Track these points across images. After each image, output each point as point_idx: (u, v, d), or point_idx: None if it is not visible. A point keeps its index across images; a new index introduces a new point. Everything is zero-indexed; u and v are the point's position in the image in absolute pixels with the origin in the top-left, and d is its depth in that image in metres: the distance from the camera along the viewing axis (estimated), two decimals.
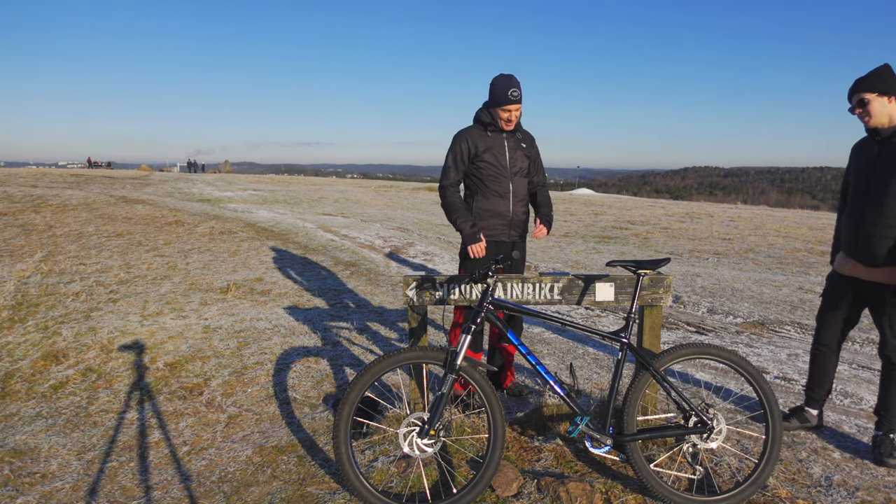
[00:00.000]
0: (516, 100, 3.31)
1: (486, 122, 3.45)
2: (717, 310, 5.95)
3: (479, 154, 3.44)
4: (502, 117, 3.37)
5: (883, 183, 2.78)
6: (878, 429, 3.02)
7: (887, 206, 2.76)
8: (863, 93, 2.81)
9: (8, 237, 9.16)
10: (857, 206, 2.92)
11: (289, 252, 8.66)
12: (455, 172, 3.50)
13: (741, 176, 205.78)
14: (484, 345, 4.07)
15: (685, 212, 16.48)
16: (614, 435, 2.67)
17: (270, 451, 3.27)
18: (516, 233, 3.60)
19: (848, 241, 2.99)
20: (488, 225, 3.53)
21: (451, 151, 3.50)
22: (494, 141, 3.46)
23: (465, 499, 2.53)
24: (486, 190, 3.49)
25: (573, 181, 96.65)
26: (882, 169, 2.80)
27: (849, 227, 2.98)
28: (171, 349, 4.82)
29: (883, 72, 2.80)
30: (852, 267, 2.98)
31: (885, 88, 2.76)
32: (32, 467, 3.31)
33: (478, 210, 3.52)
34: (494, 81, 3.36)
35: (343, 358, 4.55)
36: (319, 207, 16.04)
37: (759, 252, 9.87)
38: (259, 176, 36.90)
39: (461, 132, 3.51)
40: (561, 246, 10.41)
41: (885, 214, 2.77)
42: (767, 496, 2.65)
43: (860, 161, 2.96)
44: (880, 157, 2.83)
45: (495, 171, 3.45)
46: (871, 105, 2.79)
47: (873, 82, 2.79)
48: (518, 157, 3.51)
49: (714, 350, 2.74)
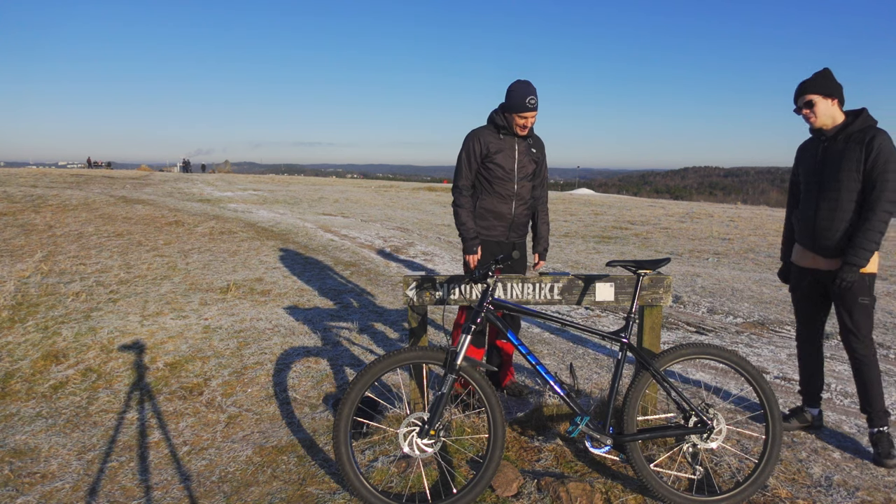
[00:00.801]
0: (533, 107, 3.34)
1: (500, 124, 3.47)
2: (717, 310, 5.95)
3: (490, 155, 3.47)
4: (518, 123, 3.40)
5: (834, 179, 2.95)
6: (871, 426, 3.05)
7: (841, 200, 2.93)
8: (809, 94, 2.99)
9: (8, 237, 9.16)
10: (811, 202, 3.08)
11: (289, 252, 8.66)
12: (468, 172, 3.54)
13: (741, 176, 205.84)
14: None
15: (685, 212, 16.49)
16: (614, 435, 2.67)
17: (270, 451, 3.27)
18: (516, 234, 3.63)
19: (804, 235, 3.13)
20: (489, 225, 3.56)
21: (464, 151, 3.53)
22: (506, 144, 3.49)
23: (465, 499, 2.53)
24: (490, 191, 3.52)
25: (573, 181, 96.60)
26: (831, 166, 2.98)
27: (804, 222, 3.12)
28: (171, 349, 4.82)
29: (826, 75, 2.99)
30: (812, 259, 3.12)
31: (829, 91, 2.96)
32: (32, 467, 3.31)
33: (480, 210, 3.55)
34: (513, 87, 3.38)
35: (343, 358, 4.55)
36: (319, 207, 16.04)
37: (759, 252, 9.87)
38: (259, 176, 36.92)
39: (473, 132, 3.54)
40: (561, 246, 10.41)
41: (840, 208, 2.94)
42: (767, 496, 2.65)
43: (808, 160, 3.15)
44: (827, 156, 3.01)
45: (503, 173, 3.49)
46: (817, 106, 2.98)
47: (818, 85, 2.97)
48: (526, 161, 3.55)
49: (714, 350, 2.74)
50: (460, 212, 3.54)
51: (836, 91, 2.95)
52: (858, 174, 2.87)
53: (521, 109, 3.34)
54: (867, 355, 2.99)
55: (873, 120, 2.94)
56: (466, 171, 3.53)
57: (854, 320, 2.98)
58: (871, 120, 2.94)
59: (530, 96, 3.32)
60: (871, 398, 3.02)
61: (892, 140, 2.86)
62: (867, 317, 2.97)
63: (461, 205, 3.55)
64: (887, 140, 2.84)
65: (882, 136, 2.84)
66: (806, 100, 2.99)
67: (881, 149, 2.81)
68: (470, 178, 3.55)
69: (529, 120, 3.39)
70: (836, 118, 2.99)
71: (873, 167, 2.82)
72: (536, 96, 3.35)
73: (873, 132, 2.86)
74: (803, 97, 3.00)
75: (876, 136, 2.84)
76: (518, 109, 3.35)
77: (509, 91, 3.39)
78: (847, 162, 2.90)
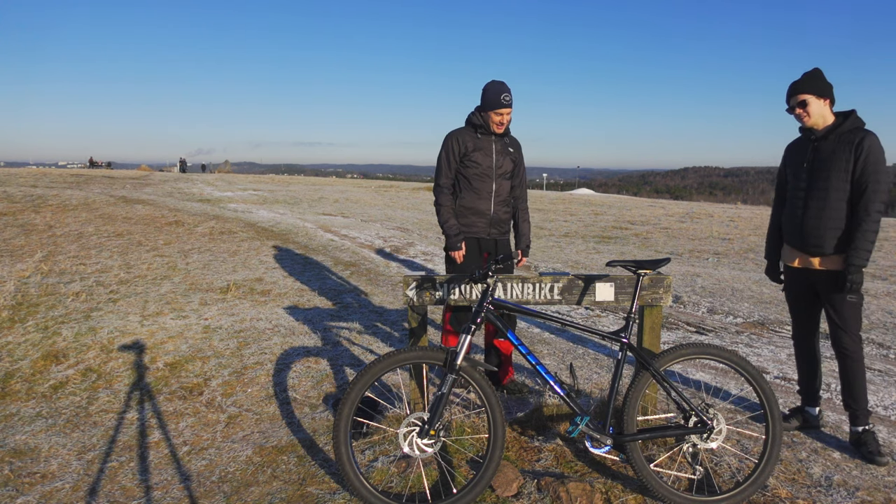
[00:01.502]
0: (508, 104, 3.48)
1: (477, 124, 3.61)
2: (717, 310, 5.95)
3: (468, 154, 3.60)
4: (494, 120, 3.53)
5: (824, 179, 3.00)
6: (855, 424, 3.07)
7: (830, 200, 2.97)
8: (802, 94, 3.02)
9: (8, 237, 9.17)
10: (800, 201, 3.11)
11: (289, 252, 8.66)
12: (448, 171, 3.66)
13: (741, 176, 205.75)
14: (481, 345, 4.08)
15: (685, 212, 16.49)
16: (614, 435, 2.67)
17: (270, 451, 3.27)
18: (496, 231, 3.73)
19: (793, 234, 3.17)
20: (469, 222, 3.67)
21: (444, 151, 3.67)
22: (483, 143, 3.62)
23: (465, 499, 2.53)
24: (469, 188, 3.64)
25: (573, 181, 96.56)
26: (821, 166, 3.02)
27: (792, 221, 3.16)
28: (171, 349, 4.82)
29: (818, 76, 3.03)
30: (801, 258, 3.16)
31: (821, 91, 3.00)
32: (32, 467, 3.31)
33: (460, 207, 3.67)
34: (487, 87, 3.54)
35: (343, 358, 4.55)
36: (319, 207, 16.04)
37: (759, 252, 9.87)
38: (259, 176, 36.93)
39: (451, 133, 3.68)
40: (561, 246, 10.41)
41: (828, 207, 2.98)
42: (767, 496, 2.65)
43: (797, 160, 3.19)
44: (817, 156, 3.05)
45: (481, 171, 3.61)
46: (810, 106, 3.02)
47: (811, 85, 3.01)
48: (505, 160, 3.67)
49: (714, 350, 2.74)
50: (442, 210, 3.66)
51: (827, 91, 3.00)
52: (847, 174, 2.93)
53: (496, 106, 3.48)
54: (855, 350, 3.04)
55: (862, 122, 2.99)
56: (446, 170, 3.66)
57: (843, 317, 3.02)
58: (860, 121, 2.99)
59: (504, 93, 3.47)
60: (856, 395, 3.05)
61: (880, 142, 2.91)
62: (855, 313, 3.02)
63: (442, 203, 3.67)
64: (876, 142, 2.90)
65: (871, 138, 2.89)
66: (799, 100, 3.03)
67: (870, 151, 2.87)
68: (450, 176, 3.68)
69: (505, 117, 3.53)
70: (827, 118, 3.03)
71: (864, 169, 2.88)
72: (510, 94, 3.49)
73: (863, 134, 2.91)
74: (796, 97, 3.04)
75: (865, 137, 2.89)
76: (493, 107, 3.49)
77: (484, 90, 3.54)
78: (837, 162, 2.95)
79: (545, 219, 14.87)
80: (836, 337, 3.08)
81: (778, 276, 3.44)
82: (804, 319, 3.31)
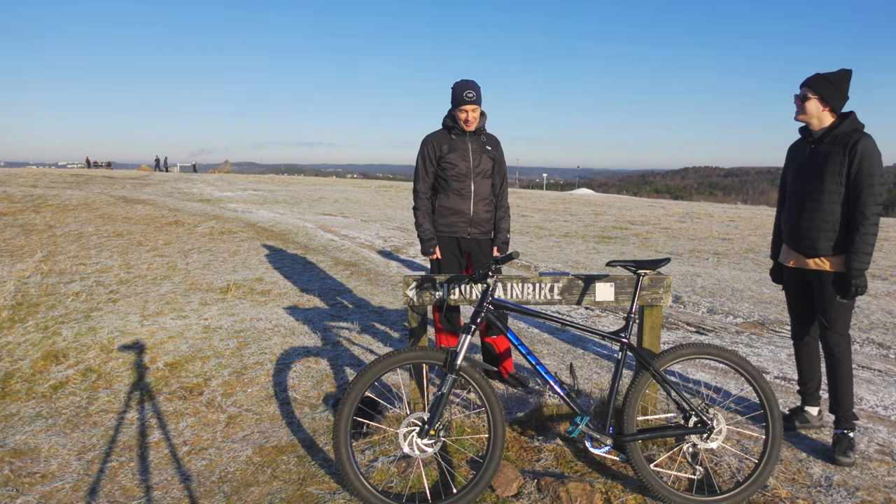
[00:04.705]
0: (471, 100, 3.54)
1: (450, 125, 3.67)
2: (717, 310, 5.95)
3: (444, 156, 3.65)
4: (461, 118, 3.60)
5: (818, 181, 3.01)
6: (838, 427, 3.07)
7: (823, 202, 2.99)
8: (808, 90, 3.01)
9: (8, 237, 9.17)
10: (797, 203, 3.13)
11: (289, 252, 8.66)
12: (425, 175, 3.73)
13: (741, 176, 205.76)
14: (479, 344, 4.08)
15: (685, 212, 16.49)
16: (614, 435, 2.67)
17: (270, 451, 3.27)
18: (477, 230, 3.76)
19: (790, 235, 3.19)
20: (449, 222, 3.71)
21: (420, 156, 3.73)
22: (458, 143, 3.67)
23: (465, 499, 2.53)
24: (448, 189, 3.69)
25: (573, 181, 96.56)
26: (816, 168, 3.03)
27: (790, 222, 3.18)
28: (171, 349, 4.82)
29: (833, 81, 2.97)
30: (796, 259, 3.19)
31: (826, 95, 2.97)
32: (32, 467, 3.31)
33: (440, 208, 3.71)
34: (454, 86, 3.61)
35: (343, 358, 4.55)
36: (319, 207, 16.04)
37: (759, 252, 9.87)
38: (259, 176, 36.92)
39: (427, 137, 3.74)
40: (561, 246, 10.41)
41: (822, 209, 3.00)
42: (767, 496, 2.65)
43: (796, 162, 3.20)
44: (813, 157, 3.06)
45: (458, 172, 3.66)
46: (808, 103, 3.02)
47: (821, 85, 2.99)
48: (483, 159, 3.71)
49: (714, 350, 2.74)
50: (417, 214, 3.73)
51: (834, 101, 2.97)
52: (841, 177, 2.93)
53: (460, 103, 3.56)
54: (842, 351, 3.04)
55: (860, 124, 2.98)
56: (423, 174, 3.72)
57: (831, 317, 3.04)
58: (858, 124, 2.98)
59: (468, 90, 3.53)
60: (841, 397, 3.06)
61: (876, 145, 2.91)
62: (845, 313, 3.04)
63: (418, 207, 3.73)
64: (871, 145, 2.89)
65: (866, 141, 2.88)
66: (803, 92, 3.03)
67: (864, 153, 2.86)
68: (427, 181, 3.73)
69: (471, 114, 3.58)
70: (824, 121, 3.03)
71: (858, 172, 2.87)
72: (477, 92, 3.56)
73: (858, 136, 2.90)
74: (804, 89, 3.04)
75: (860, 140, 2.88)
76: (458, 104, 3.57)
77: (452, 90, 3.62)
78: (831, 164, 2.95)
79: (545, 219, 14.88)
80: (824, 336, 3.10)
81: (780, 277, 3.45)
82: (803, 319, 3.32)
